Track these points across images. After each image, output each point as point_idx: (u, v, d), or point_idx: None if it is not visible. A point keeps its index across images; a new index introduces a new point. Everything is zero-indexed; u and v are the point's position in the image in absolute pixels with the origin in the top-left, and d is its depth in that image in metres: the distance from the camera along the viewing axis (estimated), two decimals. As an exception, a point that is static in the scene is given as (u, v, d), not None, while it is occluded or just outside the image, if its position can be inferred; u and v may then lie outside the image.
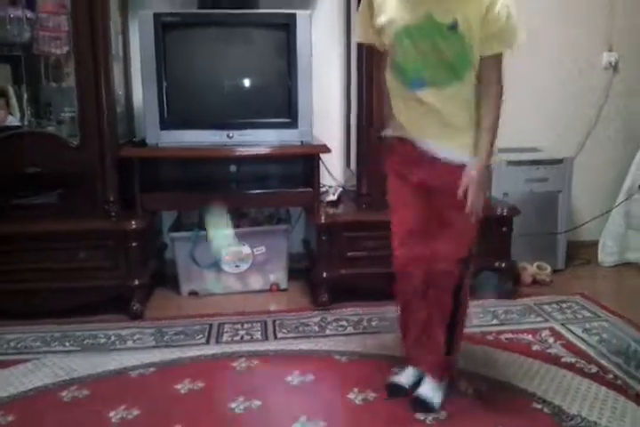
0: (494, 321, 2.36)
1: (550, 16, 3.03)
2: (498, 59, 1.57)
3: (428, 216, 1.69)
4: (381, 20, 1.56)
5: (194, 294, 2.69)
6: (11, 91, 2.55)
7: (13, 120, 2.52)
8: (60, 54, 2.43)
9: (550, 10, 3.03)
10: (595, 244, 3.11)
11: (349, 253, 2.51)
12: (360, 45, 2.43)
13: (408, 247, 1.71)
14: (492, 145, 1.60)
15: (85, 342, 2.20)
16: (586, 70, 3.13)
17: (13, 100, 2.55)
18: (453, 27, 1.47)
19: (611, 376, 1.89)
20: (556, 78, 3.11)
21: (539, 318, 2.38)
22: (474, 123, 1.60)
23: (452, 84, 1.56)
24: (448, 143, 1.61)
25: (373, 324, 2.32)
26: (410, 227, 1.71)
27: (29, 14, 2.41)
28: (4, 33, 2.40)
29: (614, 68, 3.13)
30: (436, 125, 1.60)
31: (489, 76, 1.58)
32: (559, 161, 2.87)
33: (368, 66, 2.45)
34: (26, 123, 2.55)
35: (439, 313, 1.72)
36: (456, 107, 1.58)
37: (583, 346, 2.12)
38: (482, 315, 2.41)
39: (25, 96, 2.58)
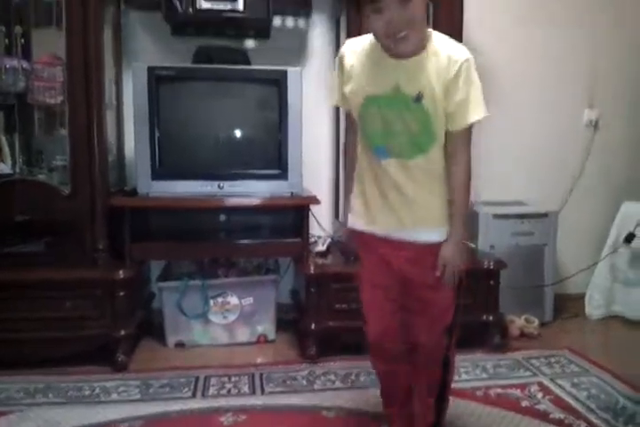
0: (483, 375, 2.34)
1: (532, 74, 3.15)
2: (464, 133, 1.52)
3: (402, 292, 1.64)
4: (349, 88, 1.54)
5: (180, 345, 2.64)
6: (3, 139, 2.56)
7: (5, 168, 2.52)
8: (53, 104, 2.45)
9: (532, 67, 3.15)
10: (582, 296, 3.13)
11: (338, 305, 2.50)
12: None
13: (382, 322, 1.67)
14: (464, 219, 1.56)
15: (70, 393, 2.16)
16: (568, 127, 3.23)
17: (5, 148, 2.56)
18: (418, 99, 1.44)
19: (600, 433, 1.88)
20: (538, 134, 3.20)
21: (527, 373, 2.37)
22: (442, 198, 1.56)
23: (415, 156, 1.51)
24: (415, 224, 1.56)
25: (362, 379, 2.30)
26: (382, 304, 1.67)
27: (25, 64, 2.46)
28: (-1, 82, 2.44)
29: (595, 125, 3.23)
30: (401, 203, 1.55)
31: (455, 150, 1.53)
32: (544, 215, 2.92)
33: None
34: (17, 170, 2.55)
35: (427, 384, 1.69)
36: (421, 181, 1.54)
37: (572, 401, 2.11)
38: (471, 369, 2.39)
39: (17, 144, 2.59)
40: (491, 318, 2.59)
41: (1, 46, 2.50)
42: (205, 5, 2.52)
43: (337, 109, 2.90)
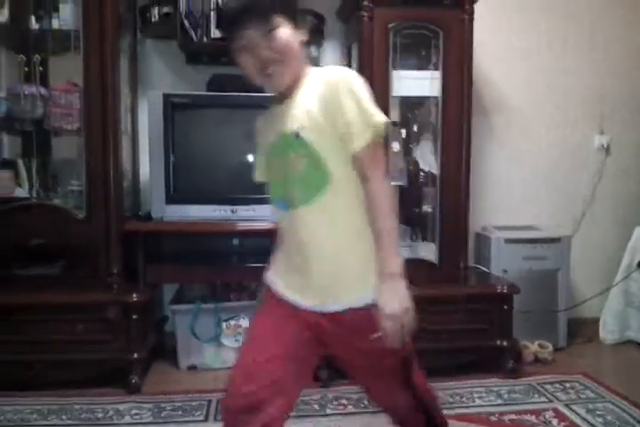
0: (498, 401, 2.32)
1: (542, 100, 3.18)
2: (370, 150, 1.26)
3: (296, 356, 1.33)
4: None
5: (193, 368, 2.65)
6: (20, 163, 2.61)
7: (21, 192, 2.57)
8: (70, 130, 2.50)
9: (540, 94, 3.18)
10: (596, 321, 3.11)
11: (350, 329, 2.49)
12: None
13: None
14: (397, 250, 1.28)
15: (83, 415, 2.17)
16: (579, 152, 3.24)
17: (23, 173, 2.60)
18: (298, 134, 1.26)
19: (616, 460, 1.86)
20: (550, 159, 3.22)
21: (542, 399, 2.35)
22: (359, 253, 1.30)
23: (312, 200, 1.27)
24: (334, 290, 1.29)
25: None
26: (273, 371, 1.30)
27: (43, 91, 2.52)
28: (17, 108, 2.49)
29: (607, 149, 3.25)
30: (316, 265, 1.29)
31: (365, 170, 1.27)
32: (557, 239, 2.91)
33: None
34: (34, 194, 2.59)
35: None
36: (326, 234, 1.29)
37: (586, 428, 2.09)
38: (485, 394, 2.37)
39: (34, 169, 2.64)
40: (504, 343, 2.57)
41: (20, 74, 2.57)
42: (219, 34, 2.59)
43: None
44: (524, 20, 3.14)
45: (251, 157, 2.64)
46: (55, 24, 2.48)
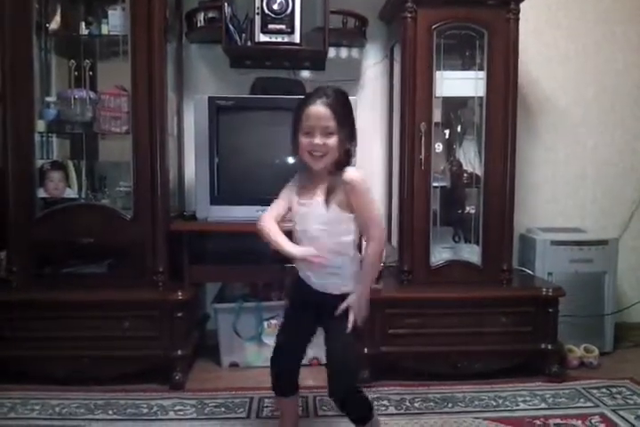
0: (542, 405, 2.28)
1: (589, 101, 3.13)
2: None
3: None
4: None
5: (234, 365, 2.69)
6: (70, 165, 2.68)
7: (71, 192, 2.63)
8: (119, 133, 2.57)
9: (588, 95, 3.13)
10: (643, 326, 3.04)
11: (391, 331, 2.50)
12: (403, 129, 2.55)
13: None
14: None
15: (128, 410, 2.21)
16: (627, 154, 3.17)
17: (72, 174, 2.67)
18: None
19: (667, 467, 1.80)
20: (597, 161, 3.16)
21: (588, 403, 2.30)
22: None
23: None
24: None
25: (416, 404, 2.27)
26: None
27: (92, 95, 2.58)
28: (67, 112, 2.56)
29: (655, 149, 3.17)
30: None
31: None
32: (604, 242, 2.86)
33: (409, 148, 2.55)
34: (82, 195, 2.66)
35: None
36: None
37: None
38: (529, 398, 2.34)
39: (83, 170, 2.71)
40: (549, 346, 2.53)
41: (71, 78, 2.66)
42: (263, 38, 2.63)
43: (390, 137, 2.94)
44: (571, 19, 3.10)
45: (292, 159, 2.67)
46: (104, 30, 2.55)
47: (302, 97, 1.79)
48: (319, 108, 1.68)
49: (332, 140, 1.70)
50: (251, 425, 2.08)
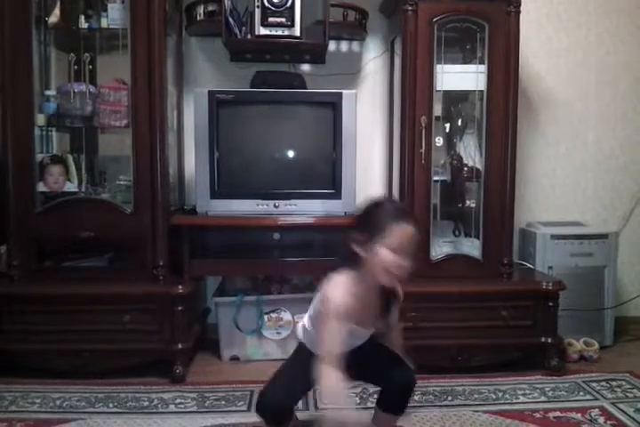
0: (542, 398, 2.29)
1: (590, 94, 3.12)
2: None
3: None
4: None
5: (235, 359, 2.70)
6: (70, 159, 2.67)
7: (71, 186, 2.63)
8: (119, 127, 2.56)
9: (590, 88, 3.12)
10: (643, 320, 3.04)
11: (391, 324, 2.50)
12: (403, 123, 2.55)
13: None
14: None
15: (129, 403, 2.21)
16: (628, 146, 3.16)
17: (72, 168, 2.66)
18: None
19: (666, 460, 1.81)
20: (598, 154, 3.16)
21: (588, 396, 2.30)
22: None
23: None
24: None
25: (416, 398, 2.26)
26: None
27: (92, 89, 2.58)
28: (67, 106, 2.56)
29: (656, 144, 3.17)
30: None
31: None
32: (604, 236, 2.86)
33: (410, 141, 2.55)
34: (83, 189, 2.65)
35: None
36: None
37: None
38: (528, 391, 2.34)
39: (83, 164, 2.71)
40: (549, 340, 2.53)
41: (70, 72, 2.65)
42: (263, 31, 2.62)
43: (390, 130, 2.94)
44: (572, 12, 3.09)
45: (293, 153, 2.68)
46: (104, 23, 2.53)
47: (389, 209, 1.69)
48: (414, 231, 1.63)
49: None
50: (251, 418, 2.08)
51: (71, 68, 2.63)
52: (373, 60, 3.06)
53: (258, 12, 2.60)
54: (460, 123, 2.79)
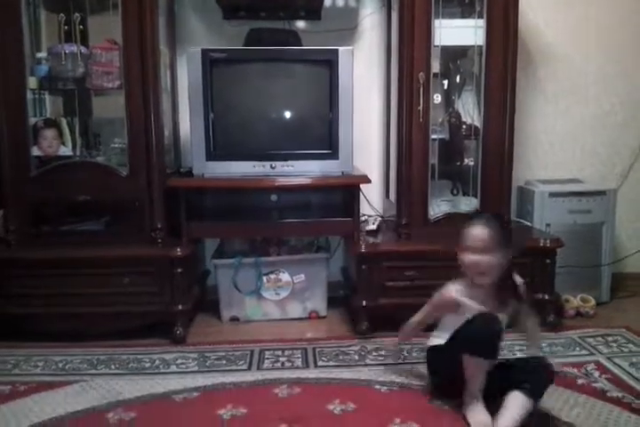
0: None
1: (590, 49, 3.06)
2: None
3: None
4: None
5: (235, 319, 2.73)
6: (63, 122, 2.64)
7: (65, 150, 2.61)
8: (111, 88, 2.52)
9: (590, 43, 3.06)
10: (640, 275, 3.07)
11: (389, 283, 2.52)
12: (400, 80, 2.51)
13: None
14: None
15: (131, 365, 2.24)
16: (628, 103, 3.12)
17: (66, 131, 2.64)
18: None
19: (660, 411, 1.84)
20: (597, 110, 3.12)
21: (583, 352, 2.34)
22: None
23: None
24: None
25: (414, 354, 2.31)
26: None
27: (83, 50, 2.52)
28: (59, 68, 2.51)
29: (656, 98, 3.12)
30: None
31: None
32: (602, 193, 2.85)
33: (407, 99, 2.51)
34: (77, 153, 2.63)
35: None
36: None
37: (630, 381, 2.07)
38: (525, 347, 2.37)
39: (77, 127, 2.68)
40: (546, 296, 2.55)
41: (61, 33, 2.58)
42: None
43: (388, 88, 2.89)
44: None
45: (289, 113, 2.64)
46: (93, -18, 2.48)
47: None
48: (481, 229, 1.86)
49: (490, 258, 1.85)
50: (251, 376, 2.12)
51: (61, 29, 2.56)
52: (370, 15, 2.98)
53: (250, -33, 2.53)
54: (458, 79, 2.74)
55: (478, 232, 1.86)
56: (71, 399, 1.95)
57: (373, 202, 3.02)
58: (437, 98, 2.59)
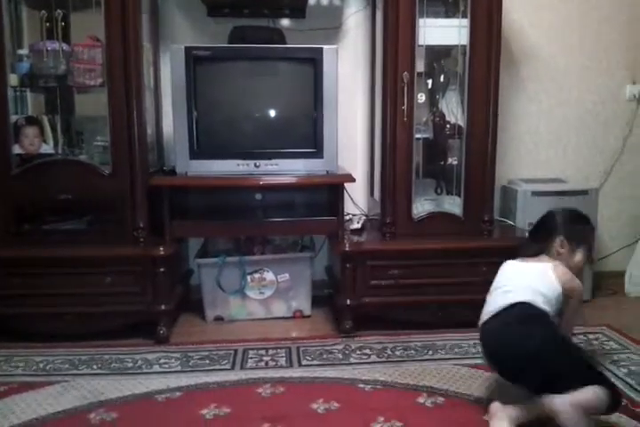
0: (520, 351, 2.33)
1: (573, 49, 3.09)
2: None
3: None
4: None
5: (219, 319, 2.72)
6: (45, 120, 2.62)
7: (47, 148, 2.58)
8: (93, 86, 2.50)
9: (573, 43, 3.08)
10: (621, 274, 3.10)
11: (373, 282, 2.52)
12: (385, 79, 2.51)
13: None
14: None
15: (113, 365, 2.23)
16: (609, 102, 3.15)
17: (47, 129, 2.61)
18: None
19: (640, 409, 1.86)
20: (580, 110, 3.15)
21: (565, 349, 2.35)
22: None
23: None
24: None
25: (397, 353, 2.32)
26: None
27: (65, 47, 2.50)
28: (40, 65, 2.48)
29: (638, 100, 3.15)
30: None
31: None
32: (584, 192, 2.87)
33: (392, 98, 2.51)
34: (59, 151, 2.61)
35: None
36: None
37: (612, 378, 2.08)
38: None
39: (59, 125, 2.65)
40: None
41: (43, 30, 2.56)
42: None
43: (372, 87, 2.89)
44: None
45: (273, 112, 2.63)
46: (75, -22, 2.45)
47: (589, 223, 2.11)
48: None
49: None
50: (235, 376, 2.11)
51: (43, 25, 2.53)
52: (355, 14, 2.98)
53: (234, -35, 2.51)
54: (442, 79, 2.75)
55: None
56: (52, 400, 1.94)
57: (358, 201, 3.02)
58: (421, 97, 2.60)
